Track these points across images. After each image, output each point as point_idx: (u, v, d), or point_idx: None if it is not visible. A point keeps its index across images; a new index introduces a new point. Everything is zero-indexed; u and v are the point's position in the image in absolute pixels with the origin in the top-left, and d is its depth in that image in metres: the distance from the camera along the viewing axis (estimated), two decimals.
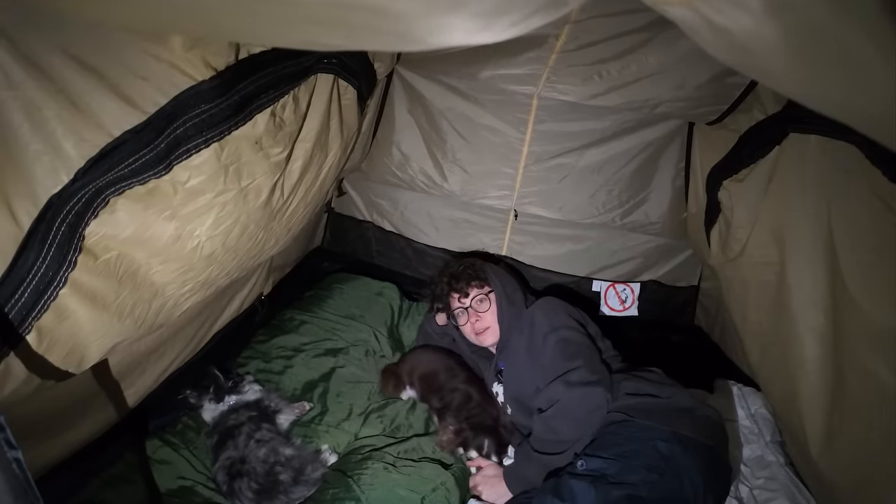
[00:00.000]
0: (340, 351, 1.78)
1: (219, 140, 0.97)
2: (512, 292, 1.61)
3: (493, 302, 1.58)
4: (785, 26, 0.39)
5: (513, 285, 1.64)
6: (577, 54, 1.46)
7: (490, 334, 1.57)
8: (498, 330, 1.56)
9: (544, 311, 1.51)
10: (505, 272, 1.68)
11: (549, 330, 1.44)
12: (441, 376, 1.64)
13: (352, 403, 1.62)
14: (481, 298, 1.59)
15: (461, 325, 1.62)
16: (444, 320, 1.72)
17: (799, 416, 1.17)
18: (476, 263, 1.66)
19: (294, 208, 1.32)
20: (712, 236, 1.59)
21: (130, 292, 1.00)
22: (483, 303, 1.58)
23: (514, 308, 1.58)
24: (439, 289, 1.66)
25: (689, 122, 1.71)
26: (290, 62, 1.08)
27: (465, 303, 1.60)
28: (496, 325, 1.56)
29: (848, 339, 1.05)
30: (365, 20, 0.48)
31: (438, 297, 1.66)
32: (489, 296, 1.59)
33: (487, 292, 1.60)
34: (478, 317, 1.58)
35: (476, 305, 1.59)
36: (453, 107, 1.84)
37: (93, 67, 0.80)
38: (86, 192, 0.84)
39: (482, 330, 1.57)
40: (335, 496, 1.32)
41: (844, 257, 1.05)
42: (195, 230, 1.04)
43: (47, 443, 1.17)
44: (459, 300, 1.61)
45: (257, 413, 1.46)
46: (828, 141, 1.11)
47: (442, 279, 1.66)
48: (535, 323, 1.48)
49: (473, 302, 1.59)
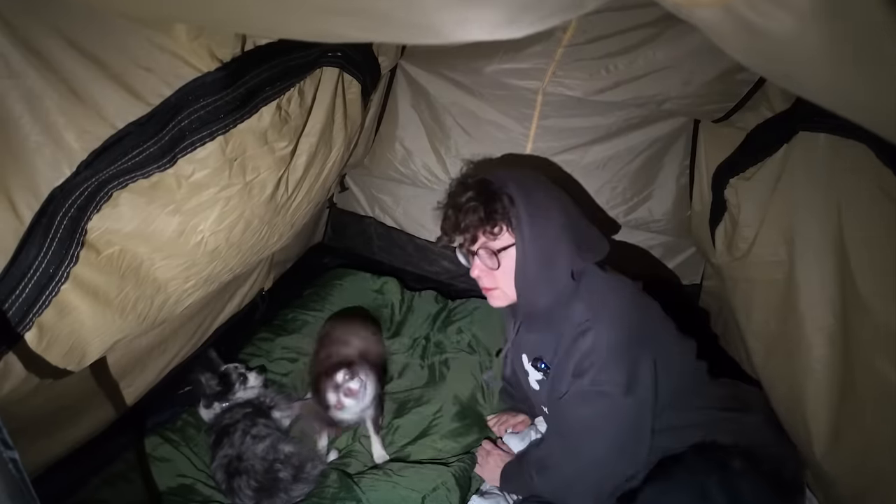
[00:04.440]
0: None
1: (224, 133, 0.96)
2: (546, 253, 1.07)
3: (509, 258, 1.09)
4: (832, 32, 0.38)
5: (551, 244, 1.08)
6: (584, 48, 1.44)
7: (498, 297, 1.16)
8: (513, 295, 1.13)
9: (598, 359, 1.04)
10: (546, 218, 1.08)
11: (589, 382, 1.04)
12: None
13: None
14: (488, 253, 1.11)
15: (469, 269, 1.18)
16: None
17: (804, 415, 1.17)
18: (495, 193, 1.09)
19: (298, 203, 1.31)
20: (717, 235, 1.58)
21: (133, 288, 0.98)
22: (491, 259, 1.11)
23: (543, 281, 1.09)
24: (444, 218, 1.18)
25: (695, 119, 1.71)
26: (296, 54, 1.06)
27: (470, 250, 1.14)
28: (510, 290, 1.13)
29: (857, 340, 1.04)
30: (388, 10, 0.46)
31: (443, 229, 1.19)
32: (501, 254, 1.10)
33: (501, 247, 1.09)
34: (482, 272, 1.14)
35: (483, 257, 1.12)
36: (457, 102, 1.82)
37: (96, 57, 0.78)
38: (88, 185, 0.82)
39: (487, 289, 1.17)
40: (335, 495, 1.31)
41: (855, 257, 1.04)
42: (199, 225, 1.02)
43: (46, 440, 1.16)
44: (463, 245, 1.14)
45: (252, 410, 1.44)
46: (837, 139, 1.10)
47: (447, 203, 1.17)
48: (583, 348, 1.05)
49: (480, 252, 1.13)
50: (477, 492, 1.36)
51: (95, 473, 1.30)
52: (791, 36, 0.39)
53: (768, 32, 0.40)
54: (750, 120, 1.40)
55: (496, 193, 1.09)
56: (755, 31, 0.40)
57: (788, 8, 0.37)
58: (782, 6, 0.37)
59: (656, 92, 1.50)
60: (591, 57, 1.47)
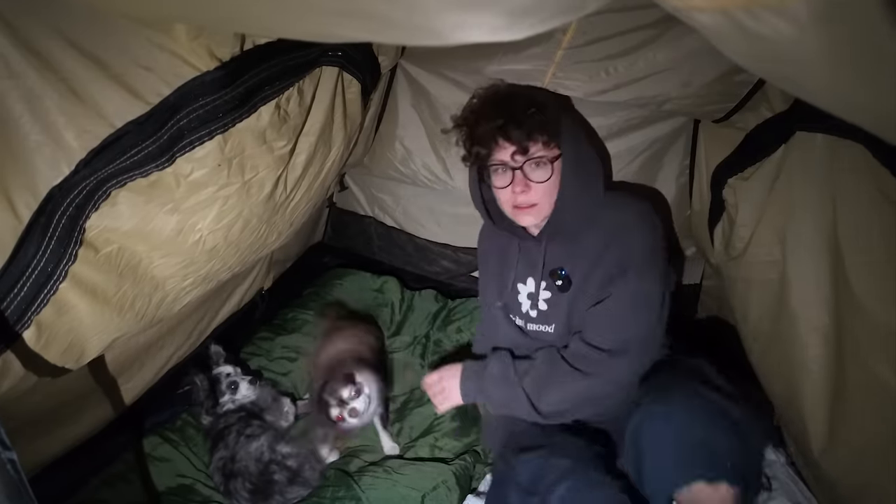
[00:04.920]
0: None
1: (222, 132, 0.96)
2: (587, 165, 1.15)
3: (555, 172, 1.12)
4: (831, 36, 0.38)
5: (590, 155, 1.17)
6: (584, 50, 1.44)
7: (534, 214, 1.14)
8: (547, 210, 1.14)
9: (646, 239, 1.13)
10: (581, 131, 1.17)
11: (639, 269, 1.11)
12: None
13: None
14: (540, 162, 1.10)
15: (498, 186, 1.15)
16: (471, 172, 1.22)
17: (800, 415, 1.17)
18: (548, 103, 1.13)
19: (297, 203, 1.31)
20: (715, 234, 1.58)
21: (131, 286, 0.99)
22: (541, 169, 1.10)
23: (584, 193, 1.14)
24: (482, 128, 1.12)
25: (695, 119, 1.71)
26: (295, 54, 1.06)
27: (518, 161, 1.10)
28: (548, 205, 1.14)
29: (852, 340, 1.04)
30: (388, 11, 0.46)
31: (480, 139, 1.12)
32: (554, 163, 1.11)
33: (553, 157, 1.11)
34: (526, 186, 1.11)
35: (529, 170, 1.11)
36: (458, 102, 1.79)
37: (95, 56, 0.78)
38: (87, 184, 0.82)
39: (526, 205, 1.13)
40: (335, 494, 1.31)
41: (850, 257, 1.04)
42: (197, 224, 1.03)
43: (45, 439, 1.16)
44: (513, 155, 1.10)
45: (245, 413, 1.44)
46: (835, 140, 1.10)
47: (488, 110, 1.13)
48: (632, 241, 1.12)
49: (529, 164, 1.10)
50: (473, 491, 1.36)
51: (94, 473, 1.31)
52: (789, 40, 0.39)
53: (766, 37, 0.40)
54: (750, 120, 1.40)
55: (545, 104, 1.11)
56: (753, 36, 0.41)
57: (786, 15, 0.37)
58: (780, 13, 0.37)
59: (656, 93, 1.50)
60: (591, 59, 1.47)
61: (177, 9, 0.70)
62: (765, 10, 0.38)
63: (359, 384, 1.37)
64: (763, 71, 0.62)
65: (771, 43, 0.40)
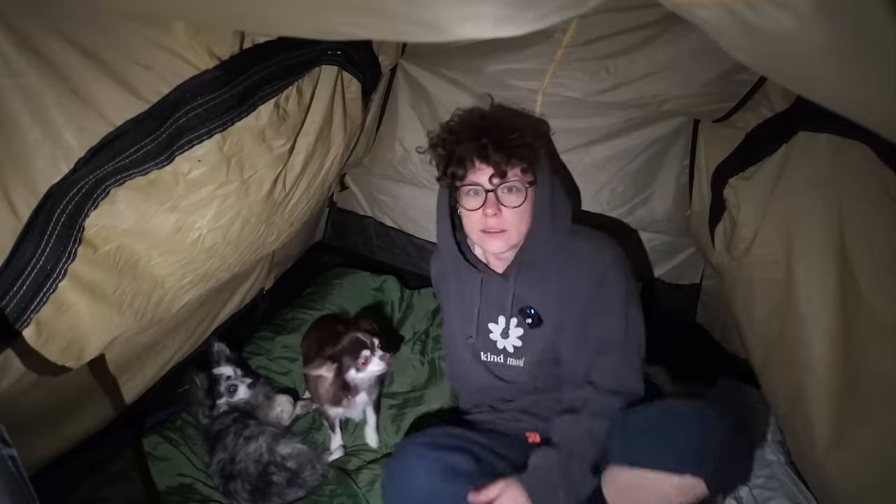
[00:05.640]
0: None
1: (221, 131, 0.96)
2: (560, 195, 1.15)
3: (528, 199, 1.10)
4: (832, 30, 0.37)
5: (562, 190, 1.16)
6: (584, 49, 1.44)
7: (503, 240, 1.11)
8: (515, 238, 1.12)
9: (622, 266, 1.14)
10: (554, 160, 1.16)
11: (624, 296, 1.11)
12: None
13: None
14: (514, 187, 1.09)
15: (468, 208, 1.12)
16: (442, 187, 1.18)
17: (805, 417, 1.16)
18: (529, 128, 1.14)
19: (296, 202, 1.31)
20: (716, 234, 1.58)
21: (130, 284, 0.99)
22: (515, 194, 1.09)
23: (554, 223, 1.13)
24: (462, 147, 1.10)
25: (695, 119, 1.70)
26: (295, 53, 1.06)
27: (494, 184, 1.08)
28: (516, 233, 1.11)
29: (859, 340, 1.03)
30: (388, 6, 0.46)
31: (458, 159, 1.10)
32: (528, 190, 1.10)
33: (529, 183, 1.10)
34: (498, 210, 1.09)
35: (503, 194, 1.09)
36: (458, 102, 1.81)
37: (94, 55, 0.78)
38: (86, 182, 0.82)
39: (496, 230, 1.10)
40: (333, 492, 1.31)
41: (857, 257, 1.03)
42: (196, 222, 1.03)
43: (46, 437, 1.16)
44: (490, 178, 1.08)
45: (240, 413, 1.44)
46: (838, 139, 1.10)
47: (469, 131, 1.12)
48: (606, 276, 1.11)
49: (502, 188, 1.09)
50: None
51: (95, 471, 1.31)
52: (791, 35, 0.39)
53: (769, 32, 0.39)
54: (750, 120, 1.40)
55: (526, 130, 1.12)
56: (755, 31, 0.40)
57: (788, 8, 0.37)
58: (783, 6, 0.37)
59: (657, 92, 1.50)
60: (592, 57, 1.47)
61: (176, 7, 0.70)
62: (766, 4, 0.37)
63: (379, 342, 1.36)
64: (764, 68, 0.62)
65: (772, 38, 0.40)
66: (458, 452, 1.10)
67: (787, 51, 0.43)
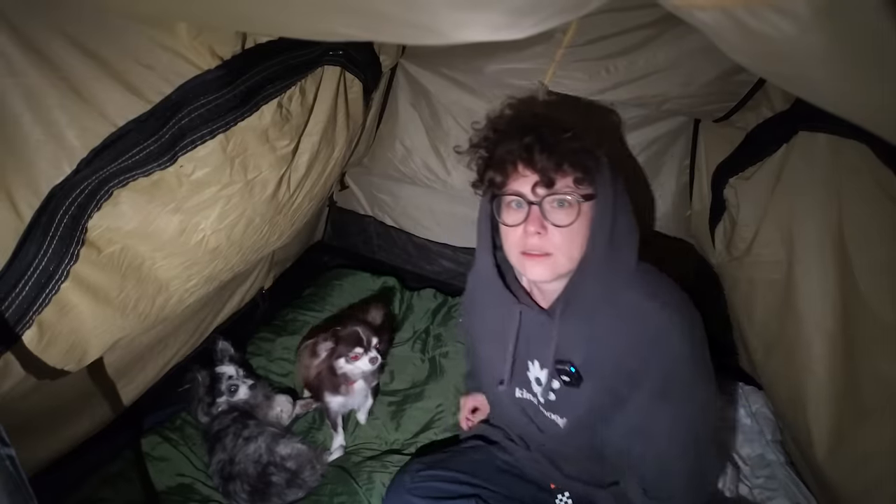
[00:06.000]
0: None
1: (224, 131, 0.96)
2: (624, 220, 0.89)
3: (581, 218, 0.86)
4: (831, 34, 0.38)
5: (629, 209, 0.90)
6: (584, 49, 1.44)
7: (547, 266, 0.88)
8: (564, 266, 0.88)
9: (689, 330, 0.87)
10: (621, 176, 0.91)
11: (690, 378, 0.88)
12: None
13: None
14: (566, 201, 0.86)
15: (507, 223, 0.90)
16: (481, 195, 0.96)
17: (805, 417, 1.16)
18: (588, 130, 0.89)
19: (300, 202, 1.31)
20: (717, 234, 1.58)
21: (134, 287, 0.98)
22: (565, 210, 0.86)
23: (615, 254, 0.88)
24: (503, 149, 0.88)
25: (695, 118, 1.70)
26: (297, 53, 1.06)
27: (538, 195, 0.86)
28: (564, 260, 0.87)
29: (858, 340, 1.04)
30: (389, 10, 0.46)
31: (498, 163, 0.89)
32: (581, 206, 0.86)
33: (583, 198, 0.86)
34: (542, 228, 0.86)
35: (550, 208, 0.86)
36: (458, 101, 1.82)
37: (97, 55, 0.77)
38: (89, 183, 0.82)
39: (538, 252, 0.87)
40: (333, 491, 1.31)
41: (856, 257, 1.04)
42: (200, 223, 1.02)
43: (45, 438, 1.16)
44: (533, 187, 0.86)
45: (239, 413, 1.44)
46: (838, 140, 1.10)
47: (514, 129, 0.89)
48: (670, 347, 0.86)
49: (550, 201, 0.86)
50: None
51: (95, 472, 1.30)
52: (790, 39, 0.39)
53: (767, 36, 0.39)
54: (750, 119, 1.40)
55: (584, 131, 0.87)
56: (754, 34, 0.40)
57: (787, 12, 0.37)
58: (781, 11, 0.37)
59: (657, 92, 1.50)
60: (592, 58, 1.47)
61: (178, 7, 0.70)
62: (765, 8, 0.37)
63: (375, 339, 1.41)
64: (764, 70, 0.62)
65: (772, 41, 0.40)
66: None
67: (785, 54, 0.43)
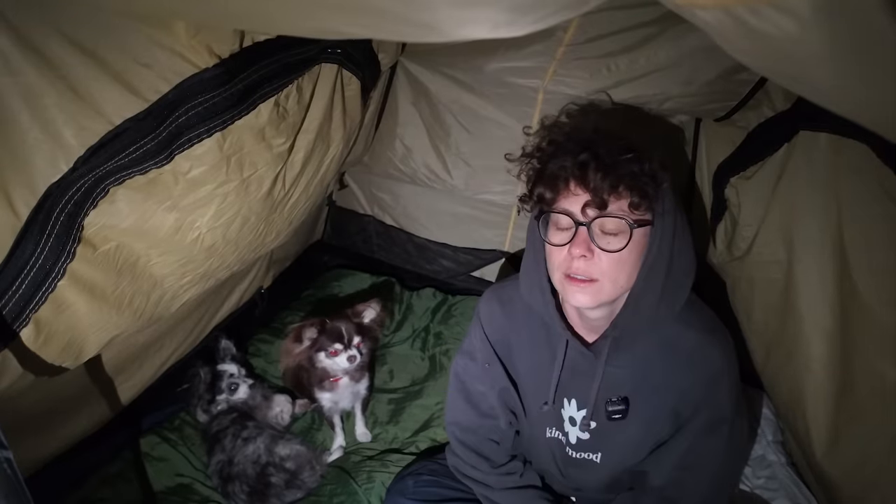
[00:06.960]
0: None
1: (221, 130, 0.96)
2: (683, 252, 0.85)
3: (633, 245, 0.81)
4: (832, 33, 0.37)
5: (688, 241, 0.87)
6: (585, 47, 1.44)
7: (590, 293, 0.82)
8: (609, 294, 0.83)
9: (733, 368, 0.90)
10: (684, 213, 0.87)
11: (730, 417, 0.90)
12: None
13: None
14: (618, 225, 0.81)
15: (552, 242, 0.85)
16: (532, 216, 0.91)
17: (804, 416, 1.16)
18: (652, 153, 0.82)
19: (295, 200, 1.31)
20: (717, 234, 1.58)
21: (129, 283, 0.99)
22: (616, 236, 0.81)
23: (671, 288, 0.85)
24: (556, 163, 0.83)
25: (696, 118, 1.70)
26: (294, 51, 1.06)
27: (589, 215, 0.81)
28: (613, 287, 0.82)
29: (857, 340, 1.03)
30: (388, 7, 0.46)
31: (549, 178, 0.83)
32: (634, 232, 0.80)
33: (637, 223, 0.81)
34: (589, 251, 0.80)
35: (599, 231, 0.81)
36: (458, 99, 1.81)
37: (94, 54, 0.78)
38: (85, 181, 0.82)
39: (583, 278, 0.82)
40: (332, 491, 1.31)
41: (855, 258, 1.03)
42: (196, 221, 1.02)
43: (43, 437, 1.16)
44: (584, 208, 0.81)
45: (238, 414, 1.44)
46: (839, 139, 1.09)
47: (571, 143, 0.84)
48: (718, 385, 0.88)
49: (601, 222, 0.81)
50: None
51: (94, 472, 1.31)
52: (791, 37, 0.39)
53: (768, 34, 0.39)
54: (751, 119, 1.40)
55: (647, 153, 0.82)
56: (755, 33, 0.40)
57: (788, 11, 0.37)
58: (782, 10, 0.37)
59: (657, 91, 1.50)
60: (593, 56, 1.46)
61: (176, 6, 0.70)
62: (766, 7, 0.37)
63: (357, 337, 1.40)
64: (765, 69, 0.62)
65: (773, 40, 0.40)
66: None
67: (787, 53, 0.43)
